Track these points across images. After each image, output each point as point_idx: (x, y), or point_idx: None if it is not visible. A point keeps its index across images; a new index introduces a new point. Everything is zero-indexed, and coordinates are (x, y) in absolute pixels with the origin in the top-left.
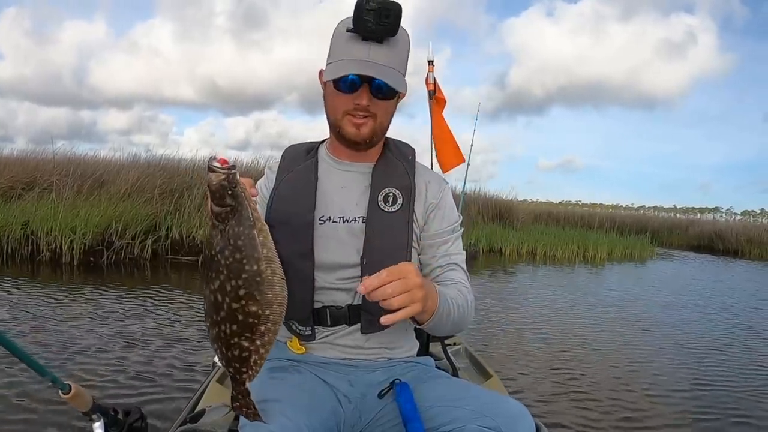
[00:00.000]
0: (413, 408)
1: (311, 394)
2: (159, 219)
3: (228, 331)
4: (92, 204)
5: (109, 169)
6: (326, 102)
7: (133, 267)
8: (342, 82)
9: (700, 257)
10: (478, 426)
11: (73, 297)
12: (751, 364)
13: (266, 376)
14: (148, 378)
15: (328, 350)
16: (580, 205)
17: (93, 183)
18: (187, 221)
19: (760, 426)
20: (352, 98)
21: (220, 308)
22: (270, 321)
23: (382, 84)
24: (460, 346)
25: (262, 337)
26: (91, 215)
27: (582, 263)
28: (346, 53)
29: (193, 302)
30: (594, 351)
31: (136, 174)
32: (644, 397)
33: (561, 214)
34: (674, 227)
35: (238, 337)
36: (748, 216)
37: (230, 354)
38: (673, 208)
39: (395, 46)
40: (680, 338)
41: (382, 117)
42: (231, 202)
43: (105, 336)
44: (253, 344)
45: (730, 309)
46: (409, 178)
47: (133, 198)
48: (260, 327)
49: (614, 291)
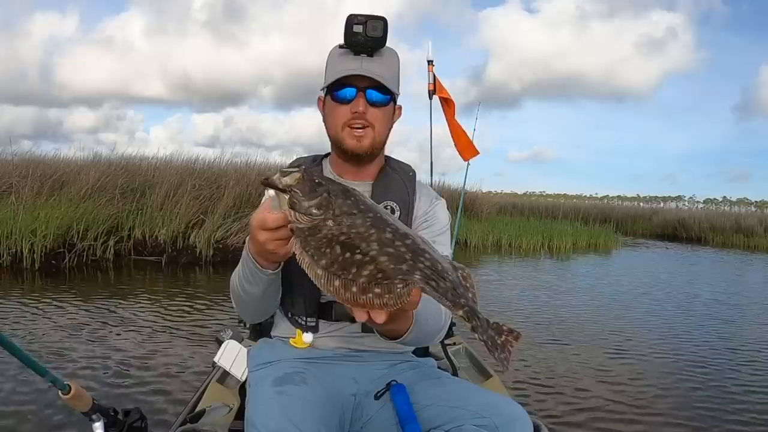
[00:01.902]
0: (410, 409)
1: (319, 404)
2: (121, 219)
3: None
4: (53, 205)
5: (70, 169)
6: (326, 120)
7: (96, 269)
8: (338, 93)
9: (665, 245)
10: (476, 427)
11: (38, 301)
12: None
13: (272, 391)
14: (144, 379)
15: (330, 343)
16: (544, 196)
17: (53, 184)
18: (150, 221)
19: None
20: (350, 107)
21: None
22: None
23: (377, 92)
24: (460, 345)
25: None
26: (52, 217)
27: (547, 254)
28: (341, 68)
29: (164, 301)
30: (573, 341)
31: (97, 174)
32: (633, 389)
33: (525, 205)
34: (638, 216)
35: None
36: (710, 204)
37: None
38: (637, 197)
39: (385, 61)
40: (671, 330)
41: (380, 127)
42: (324, 185)
43: (79, 340)
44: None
45: (716, 298)
46: (408, 194)
47: (95, 198)
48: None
49: (584, 281)
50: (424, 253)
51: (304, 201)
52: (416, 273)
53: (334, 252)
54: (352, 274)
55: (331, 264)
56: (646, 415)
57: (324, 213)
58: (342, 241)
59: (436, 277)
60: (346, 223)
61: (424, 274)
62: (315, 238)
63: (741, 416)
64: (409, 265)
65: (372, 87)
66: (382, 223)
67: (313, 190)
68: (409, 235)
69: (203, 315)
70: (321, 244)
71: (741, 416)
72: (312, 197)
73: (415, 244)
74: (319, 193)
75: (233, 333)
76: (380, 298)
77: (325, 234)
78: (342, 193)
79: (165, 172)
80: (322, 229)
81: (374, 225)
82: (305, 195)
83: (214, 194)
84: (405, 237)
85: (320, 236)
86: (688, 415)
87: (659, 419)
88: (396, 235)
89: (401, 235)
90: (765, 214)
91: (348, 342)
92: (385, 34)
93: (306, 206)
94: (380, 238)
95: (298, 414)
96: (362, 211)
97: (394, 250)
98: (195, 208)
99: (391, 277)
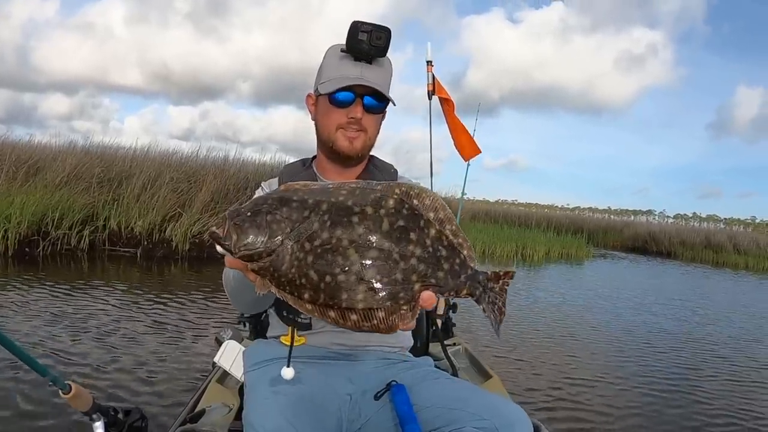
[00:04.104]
0: (410, 410)
1: (315, 405)
2: (97, 209)
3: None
4: (28, 191)
5: (45, 155)
6: (318, 120)
7: (71, 258)
8: (337, 97)
9: (636, 258)
10: (476, 429)
11: (10, 289)
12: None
13: (268, 391)
14: (142, 379)
15: (322, 340)
16: (516, 204)
17: (28, 169)
18: (126, 212)
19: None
20: (346, 112)
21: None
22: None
23: (374, 100)
24: (459, 346)
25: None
26: (27, 203)
27: (520, 262)
28: (340, 72)
29: (142, 295)
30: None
31: (74, 161)
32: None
33: (498, 212)
34: (609, 228)
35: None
36: (680, 219)
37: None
38: (608, 209)
39: (383, 69)
40: (672, 333)
41: (372, 131)
42: (259, 206)
43: (57, 332)
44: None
45: (700, 310)
46: None
47: (71, 186)
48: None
49: (559, 290)
50: (407, 244)
51: (243, 238)
52: (413, 276)
53: (312, 280)
54: (344, 301)
55: (317, 295)
56: (646, 416)
57: (277, 238)
58: (312, 263)
59: (433, 266)
60: (305, 235)
61: (421, 275)
62: (283, 272)
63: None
64: (402, 271)
65: (369, 94)
66: (342, 212)
67: (253, 220)
68: (378, 216)
69: (185, 312)
70: (293, 276)
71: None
72: (251, 228)
73: (391, 230)
74: (260, 221)
75: (233, 333)
76: (385, 321)
77: (291, 262)
78: (280, 202)
79: (143, 163)
80: (284, 256)
81: (336, 222)
82: (244, 232)
83: (191, 188)
84: (376, 222)
85: (287, 267)
86: (688, 415)
87: (660, 419)
88: (365, 224)
89: (372, 225)
90: (734, 231)
91: (340, 337)
92: (388, 45)
93: (250, 241)
94: (352, 238)
95: (295, 414)
96: (314, 209)
97: (377, 252)
98: (172, 201)
99: (389, 294)
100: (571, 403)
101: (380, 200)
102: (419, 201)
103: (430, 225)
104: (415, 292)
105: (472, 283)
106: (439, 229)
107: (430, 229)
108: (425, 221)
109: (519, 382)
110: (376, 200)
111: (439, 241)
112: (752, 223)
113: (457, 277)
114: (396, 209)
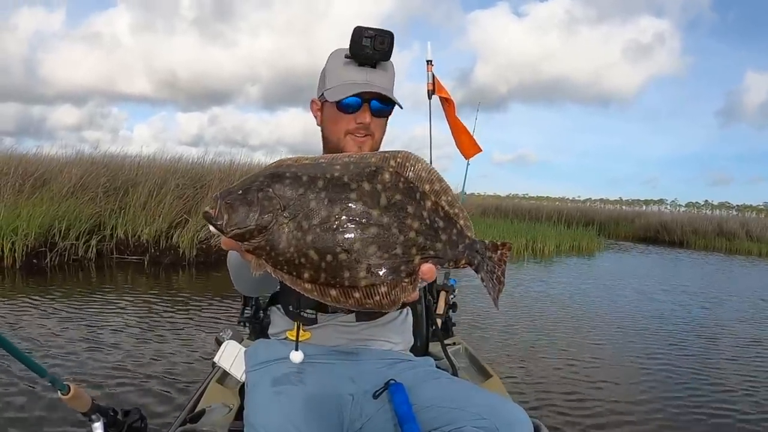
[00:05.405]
0: (408, 409)
1: (317, 404)
2: (103, 218)
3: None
4: (34, 203)
5: (52, 166)
6: (325, 126)
7: (78, 268)
8: (345, 103)
9: (647, 248)
10: (476, 428)
11: (19, 300)
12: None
13: (270, 391)
14: (141, 379)
15: (327, 337)
16: (527, 198)
17: (35, 182)
18: (132, 220)
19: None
20: (354, 117)
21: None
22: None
23: (380, 103)
24: (460, 345)
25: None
26: (34, 215)
27: (531, 256)
28: (346, 78)
29: (151, 301)
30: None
31: (80, 172)
32: (632, 390)
33: (509, 207)
34: (621, 219)
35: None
36: (692, 208)
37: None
38: (619, 200)
39: (387, 72)
40: (672, 332)
41: (378, 135)
42: (250, 185)
43: (66, 340)
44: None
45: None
46: None
47: (77, 196)
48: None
49: (568, 283)
50: (405, 218)
51: (234, 216)
52: (412, 249)
53: (312, 260)
54: (347, 279)
55: (317, 275)
56: (647, 415)
57: (269, 214)
58: (312, 242)
59: (431, 238)
60: (302, 213)
61: (420, 247)
62: (280, 251)
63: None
64: (401, 245)
65: (375, 98)
66: (338, 189)
67: (243, 197)
68: (375, 191)
69: (191, 316)
70: (291, 255)
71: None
72: (242, 206)
73: (389, 204)
74: (251, 198)
75: (233, 333)
76: (388, 296)
77: (289, 241)
78: (272, 178)
79: (148, 170)
80: (280, 235)
81: (333, 199)
82: (236, 210)
83: (197, 194)
84: (374, 197)
85: (284, 246)
86: (688, 416)
87: (659, 420)
88: (363, 200)
89: (370, 201)
90: (746, 218)
91: (344, 333)
92: (391, 48)
93: (241, 219)
94: (351, 214)
95: (297, 414)
96: (309, 186)
97: (377, 228)
98: (178, 208)
99: (390, 269)
100: (572, 403)
101: (376, 174)
102: (414, 173)
103: (426, 197)
104: (415, 265)
105: (470, 252)
106: (435, 201)
107: (427, 201)
108: (421, 193)
109: (519, 381)
110: (371, 174)
111: (435, 213)
112: (765, 209)
113: (456, 247)
114: (392, 183)
